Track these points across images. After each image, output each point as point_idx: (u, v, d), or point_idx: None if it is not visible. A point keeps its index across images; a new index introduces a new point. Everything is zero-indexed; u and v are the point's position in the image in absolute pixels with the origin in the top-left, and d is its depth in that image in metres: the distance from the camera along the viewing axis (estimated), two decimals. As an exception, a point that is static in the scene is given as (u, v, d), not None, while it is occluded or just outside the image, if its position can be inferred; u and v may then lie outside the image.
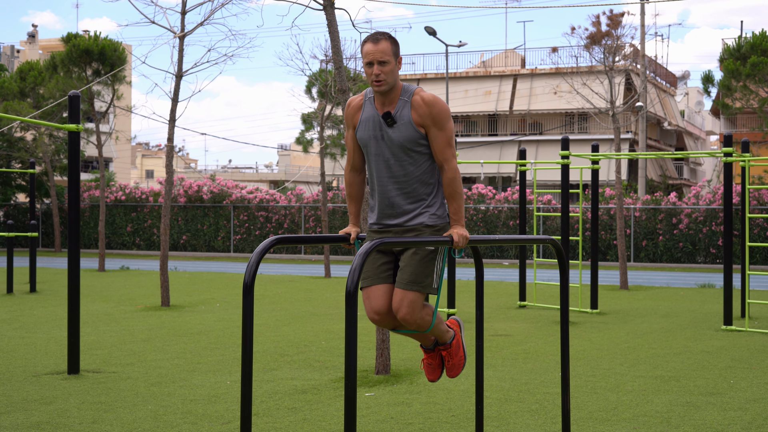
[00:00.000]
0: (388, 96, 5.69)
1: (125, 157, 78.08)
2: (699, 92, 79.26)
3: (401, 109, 5.67)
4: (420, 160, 5.72)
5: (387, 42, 5.64)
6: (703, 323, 14.45)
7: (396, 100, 5.70)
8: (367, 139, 5.78)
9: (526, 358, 10.81)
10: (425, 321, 5.84)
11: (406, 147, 5.69)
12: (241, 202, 39.24)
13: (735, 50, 38.38)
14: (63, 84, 33.37)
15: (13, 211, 43.10)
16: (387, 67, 5.61)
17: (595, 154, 16.61)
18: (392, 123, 5.66)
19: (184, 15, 16.99)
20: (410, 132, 5.66)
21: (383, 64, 5.60)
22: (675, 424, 7.36)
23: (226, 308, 16.56)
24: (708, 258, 32.94)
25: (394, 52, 5.66)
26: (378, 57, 5.60)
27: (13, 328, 13.38)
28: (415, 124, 5.66)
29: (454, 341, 6.19)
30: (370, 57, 5.61)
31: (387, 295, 5.87)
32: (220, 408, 7.90)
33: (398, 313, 5.76)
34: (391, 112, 5.67)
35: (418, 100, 5.65)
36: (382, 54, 5.60)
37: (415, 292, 5.74)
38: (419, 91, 5.69)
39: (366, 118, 5.77)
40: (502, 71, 57.69)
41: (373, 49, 5.61)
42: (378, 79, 5.61)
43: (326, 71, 28.06)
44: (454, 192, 5.70)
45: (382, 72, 5.61)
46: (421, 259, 5.75)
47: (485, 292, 18.44)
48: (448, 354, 6.17)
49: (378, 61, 5.60)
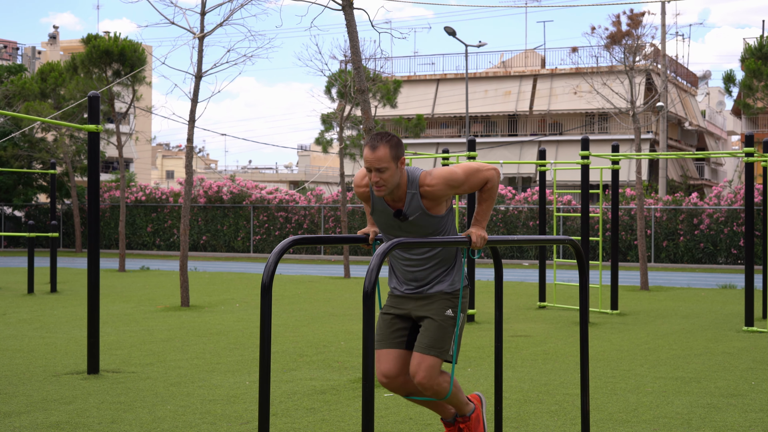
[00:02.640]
0: (395, 193, 5.58)
1: (145, 158, 78.34)
2: (720, 92, 78.93)
3: (410, 203, 5.58)
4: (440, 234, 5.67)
5: (385, 147, 5.46)
6: (724, 324, 14.37)
7: (404, 195, 5.59)
8: (385, 228, 5.73)
9: (545, 359, 10.77)
10: (442, 388, 5.75)
11: (427, 232, 5.64)
12: (260, 203, 39.29)
13: (757, 50, 38.19)
14: (83, 85, 33.47)
15: (34, 211, 43.30)
16: (386, 173, 5.47)
17: (615, 155, 16.54)
18: (405, 219, 5.59)
19: (203, 16, 17.01)
20: (427, 220, 5.60)
21: (381, 171, 5.46)
22: (696, 426, 7.31)
23: (246, 309, 16.57)
24: (729, 259, 32.77)
25: (394, 156, 5.48)
26: (375, 165, 5.45)
27: (34, 328, 13.43)
28: (432, 211, 5.59)
29: (474, 414, 6.10)
30: (368, 164, 5.47)
31: (397, 361, 5.83)
32: (239, 408, 7.90)
33: (415, 377, 5.69)
34: (402, 210, 5.58)
35: (427, 190, 5.53)
36: (379, 162, 5.44)
37: (433, 357, 5.67)
38: (423, 179, 5.55)
39: (379, 210, 5.69)
40: (522, 71, 57.58)
41: (370, 156, 5.45)
42: (378, 185, 5.50)
43: (345, 72, 28.08)
44: (489, 197, 5.65)
45: (381, 179, 5.47)
46: (441, 326, 5.71)
47: (505, 293, 18.39)
48: (467, 427, 6.08)
49: (376, 168, 5.46)
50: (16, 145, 40.64)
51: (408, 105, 56.02)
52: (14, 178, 41.82)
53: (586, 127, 56.46)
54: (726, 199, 32.91)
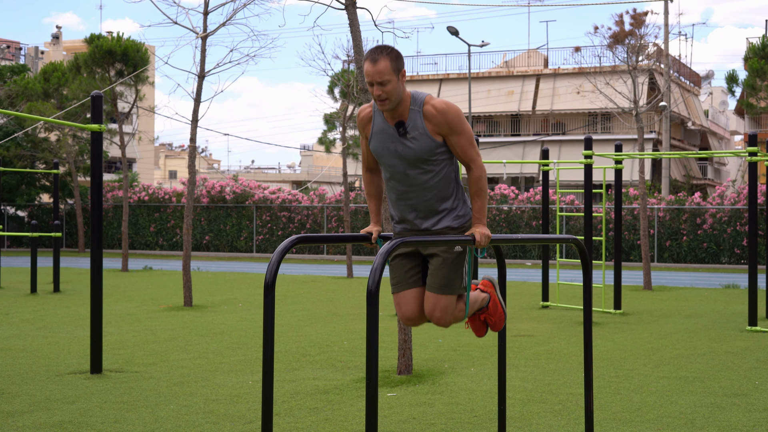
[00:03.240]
0: (397, 108, 5.54)
1: (148, 158, 78.35)
2: (723, 92, 78.86)
3: (413, 119, 5.53)
4: (437, 168, 5.61)
5: (386, 60, 5.42)
6: (727, 324, 14.35)
7: (407, 111, 5.54)
8: (381, 151, 5.66)
9: (549, 358, 10.76)
10: (459, 317, 5.91)
11: (423, 158, 5.57)
12: (263, 203, 39.29)
13: (760, 49, 38.19)
14: (86, 85, 33.51)
15: (37, 211, 43.31)
16: (388, 86, 5.43)
17: (618, 154, 16.52)
18: (405, 133, 5.53)
19: (206, 15, 17.01)
20: (427, 142, 5.54)
21: (383, 84, 5.42)
22: (699, 426, 7.30)
23: (249, 308, 16.57)
24: (732, 258, 32.74)
25: (395, 68, 5.44)
26: (377, 78, 5.41)
27: (37, 328, 13.43)
28: (431, 133, 5.53)
29: (491, 302, 6.18)
30: (369, 77, 5.43)
31: (417, 300, 5.89)
32: (242, 408, 7.89)
33: (432, 317, 5.80)
34: (404, 122, 5.54)
35: (430, 109, 5.50)
36: (380, 74, 5.40)
37: (447, 296, 5.75)
38: (429, 99, 5.53)
39: (378, 131, 5.64)
40: (524, 71, 57.56)
41: (371, 69, 5.42)
42: (380, 99, 5.46)
43: (348, 71, 28.06)
44: (480, 190, 5.62)
45: (384, 92, 5.43)
46: (451, 264, 5.72)
47: (508, 293, 18.39)
48: (488, 315, 6.18)
49: (377, 81, 5.42)
50: (20, 145, 40.66)
51: (411, 105, 55.95)
52: (17, 178, 41.84)
53: (589, 127, 56.43)
54: (729, 198, 32.88)
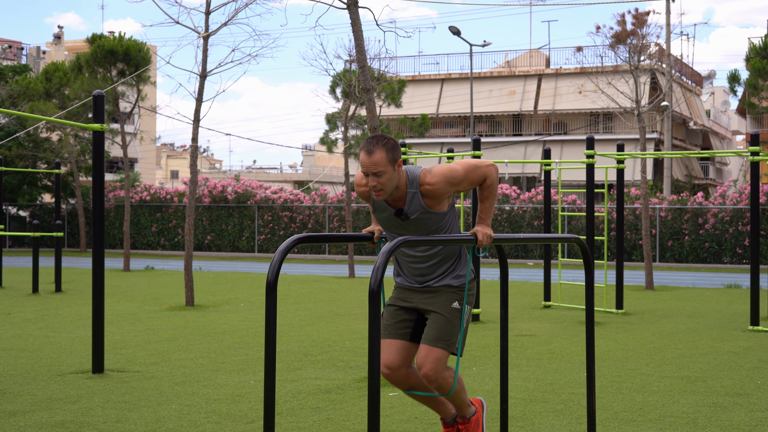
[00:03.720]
0: (394, 195, 5.55)
1: (150, 158, 78.39)
2: (725, 91, 78.84)
3: (412, 202, 5.54)
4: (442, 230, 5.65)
5: (381, 151, 5.40)
6: (729, 324, 14.34)
7: (404, 195, 5.56)
8: (387, 226, 5.70)
9: (551, 358, 10.75)
10: (447, 382, 5.74)
11: (430, 230, 5.63)
12: (265, 203, 39.29)
13: (761, 49, 38.15)
14: (88, 84, 33.50)
15: (38, 211, 43.31)
16: (383, 177, 5.42)
17: (620, 154, 16.52)
18: (407, 218, 5.57)
19: (208, 15, 17.01)
20: (429, 218, 5.57)
21: (378, 175, 5.41)
22: (702, 425, 7.29)
23: (251, 308, 16.57)
24: (734, 258, 32.73)
25: (390, 159, 5.42)
26: (372, 169, 5.40)
27: (39, 328, 13.43)
28: (433, 208, 5.56)
29: (474, 417, 6.09)
30: (365, 168, 5.42)
31: (400, 352, 5.81)
32: (243, 407, 7.89)
33: (422, 369, 5.68)
34: (403, 209, 5.56)
35: (428, 189, 5.50)
36: (375, 166, 5.39)
37: (440, 350, 5.67)
38: (423, 178, 5.51)
39: (380, 209, 5.66)
40: (526, 71, 57.56)
41: (367, 161, 5.40)
42: (376, 190, 5.46)
43: (350, 71, 28.07)
44: (490, 194, 5.62)
45: (379, 183, 5.42)
46: (448, 317, 5.71)
47: (510, 292, 18.38)
48: (466, 429, 6.06)
49: (372, 173, 5.41)
50: (21, 144, 40.67)
51: (412, 105, 56.04)
52: (19, 178, 41.84)
53: (591, 127, 56.43)
54: (731, 198, 32.86)
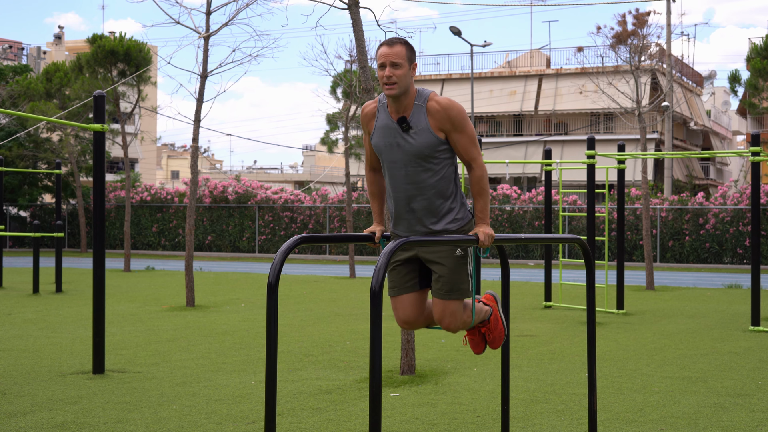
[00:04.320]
0: (402, 102, 5.52)
1: (151, 158, 78.38)
2: (725, 92, 78.86)
3: (417, 115, 5.52)
4: (437, 167, 5.60)
5: (402, 46, 5.47)
6: (730, 324, 14.34)
7: (410, 105, 5.53)
8: (383, 146, 5.64)
9: (552, 358, 10.75)
10: (467, 322, 5.87)
11: (424, 154, 5.55)
12: (266, 203, 39.29)
13: (762, 49, 38.16)
14: (88, 85, 33.52)
15: (39, 211, 43.32)
16: (399, 70, 5.43)
17: (621, 154, 16.51)
18: (408, 128, 5.51)
19: (208, 15, 17.01)
20: (429, 138, 5.52)
21: (396, 66, 5.43)
22: (702, 426, 7.29)
23: (251, 308, 16.56)
24: (735, 258, 32.72)
25: (409, 57, 5.48)
26: (391, 58, 5.43)
27: (39, 328, 13.42)
28: (434, 129, 5.51)
29: (492, 317, 6.15)
30: (383, 59, 5.44)
31: (414, 304, 5.86)
32: (244, 408, 7.89)
33: (442, 323, 5.76)
34: (407, 117, 5.52)
35: (434, 105, 5.49)
36: (395, 56, 5.43)
37: (455, 301, 5.71)
38: (434, 96, 5.52)
39: (380, 126, 5.63)
40: (527, 71, 57.55)
41: (387, 51, 5.45)
42: (389, 82, 5.44)
43: (351, 71, 28.05)
44: (482, 190, 5.60)
45: (394, 74, 5.43)
46: (454, 267, 5.69)
47: (511, 293, 18.36)
48: (488, 330, 6.15)
49: (391, 62, 5.43)
50: (22, 145, 40.68)
51: (413, 105, 55.96)
52: (19, 178, 41.85)
53: (592, 127, 56.42)
54: (732, 198, 32.85)
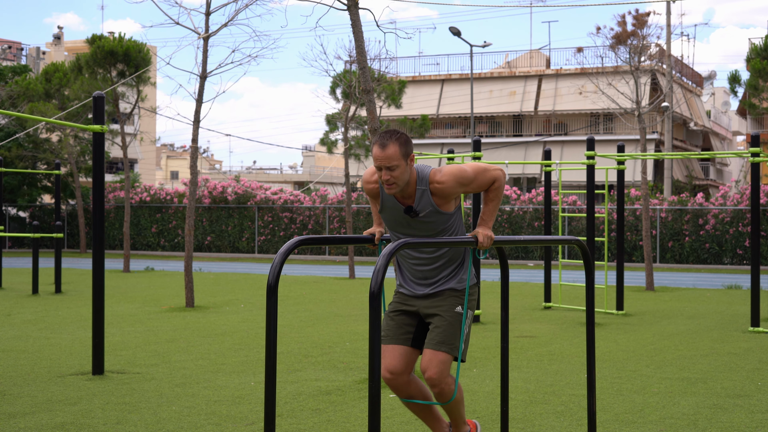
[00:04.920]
0: (405, 191, 5.58)
1: (150, 159, 78.38)
2: (725, 92, 78.84)
3: (420, 200, 5.57)
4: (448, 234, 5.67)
5: (395, 145, 5.46)
6: (730, 325, 14.33)
7: (413, 192, 5.59)
8: (394, 225, 5.71)
9: (551, 359, 10.75)
10: (449, 388, 5.74)
11: (438, 231, 5.64)
12: (265, 203, 39.28)
13: (762, 49, 38.14)
14: (88, 85, 33.49)
15: (38, 212, 43.30)
16: (396, 171, 5.46)
17: (620, 155, 16.51)
18: (416, 215, 5.59)
19: (208, 16, 17.00)
20: (440, 218, 5.59)
21: (392, 169, 5.45)
22: (702, 427, 7.29)
23: (251, 309, 16.56)
24: (735, 259, 32.72)
25: (404, 153, 5.47)
26: (385, 163, 5.44)
27: (38, 329, 13.42)
28: (442, 208, 5.59)
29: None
30: (378, 162, 5.46)
31: (403, 357, 5.80)
32: (244, 409, 7.88)
33: (426, 372, 5.67)
34: (413, 206, 5.58)
35: (436, 187, 5.54)
36: (389, 160, 5.44)
37: (444, 353, 5.67)
38: (433, 176, 5.55)
39: (389, 207, 5.69)
40: (527, 72, 57.55)
41: (380, 154, 5.45)
42: (389, 183, 5.49)
43: (350, 72, 28.06)
44: (495, 197, 5.62)
45: (392, 177, 5.46)
46: (451, 321, 5.71)
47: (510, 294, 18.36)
48: None
49: (386, 167, 5.46)
50: (21, 145, 40.66)
51: (413, 105, 56.04)
52: (19, 179, 41.82)
53: (591, 128, 56.42)
54: (731, 199, 32.85)
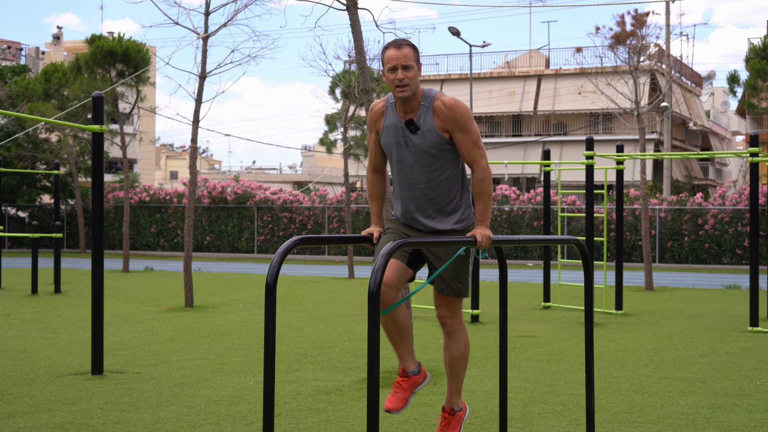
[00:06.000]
0: (410, 102, 5.63)
1: (149, 159, 78.37)
2: (724, 92, 78.85)
3: (423, 116, 5.62)
4: (444, 166, 5.69)
5: (409, 48, 5.59)
6: (728, 324, 14.34)
7: (417, 106, 5.65)
8: (391, 145, 5.76)
9: (550, 359, 10.75)
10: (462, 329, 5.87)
11: (430, 153, 5.66)
12: (264, 203, 39.29)
13: (761, 50, 38.14)
14: (87, 85, 33.49)
15: (37, 212, 43.30)
16: (410, 72, 5.56)
17: (619, 155, 16.52)
18: (415, 130, 5.62)
19: (207, 16, 17.01)
20: (434, 138, 5.62)
21: (407, 69, 5.55)
22: (700, 426, 7.29)
23: (250, 309, 16.56)
24: (734, 259, 32.73)
25: (416, 58, 5.61)
26: (402, 61, 5.54)
27: (38, 329, 13.42)
28: (439, 129, 5.61)
29: (459, 413, 6.18)
30: (393, 62, 5.55)
31: (398, 271, 5.84)
32: (243, 409, 7.89)
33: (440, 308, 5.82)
34: (414, 120, 5.63)
35: (440, 105, 5.60)
36: (405, 59, 5.54)
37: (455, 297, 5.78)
38: (440, 96, 5.63)
39: (389, 125, 5.74)
40: (526, 72, 57.56)
41: (396, 54, 5.55)
42: (402, 84, 5.56)
43: (350, 72, 28.06)
44: (482, 192, 5.64)
45: (406, 77, 5.55)
46: (457, 266, 5.76)
47: (509, 293, 18.37)
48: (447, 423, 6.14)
49: (402, 65, 5.54)
50: (20, 145, 40.67)
51: (412, 105, 55.97)
52: (18, 179, 41.82)
53: (591, 128, 56.43)
54: (731, 199, 32.86)
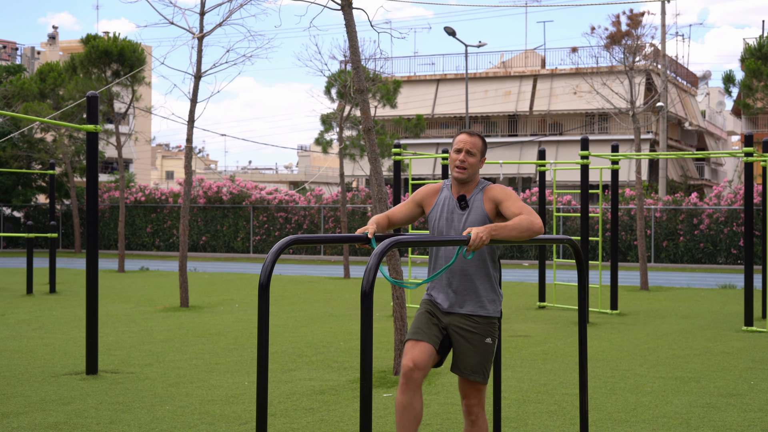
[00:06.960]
0: (465, 186, 5.85)
1: (145, 158, 78.29)
2: (720, 92, 78.90)
3: (474, 196, 5.84)
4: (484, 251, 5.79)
5: (480, 140, 5.86)
6: (723, 324, 14.36)
7: (471, 190, 5.87)
8: (437, 219, 5.89)
9: (545, 359, 10.76)
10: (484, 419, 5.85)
11: None
12: (260, 203, 39.27)
13: (756, 50, 38.15)
14: (82, 85, 33.46)
15: (33, 212, 43.26)
16: (472, 158, 5.79)
17: (615, 155, 16.53)
18: (465, 206, 5.81)
19: (202, 16, 17.00)
20: (480, 217, 5.77)
21: (470, 154, 5.79)
22: (695, 426, 7.30)
23: (245, 309, 16.56)
24: (729, 259, 32.76)
25: (482, 150, 5.86)
26: (468, 147, 5.79)
27: (33, 329, 13.41)
28: (486, 210, 5.79)
29: None
30: (461, 144, 5.80)
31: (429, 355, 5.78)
32: (237, 408, 7.89)
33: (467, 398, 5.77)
34: (466, 196, 5.83)
35: (491, 187, 5.84)
36: (472, 146, 5.80)
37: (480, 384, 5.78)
38: (492, 185, 5.87)
39: (440, 200, 5.93)
40: (522, 71, 57.56)
41: (466, 139, 5.82)
42: (462, 166, 5.77)
43: (345, 72, 28.07)
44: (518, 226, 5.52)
45: (467, 161, 5.77)
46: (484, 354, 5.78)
47: (504, 293, 18.39)
48: None
49: (467, 150, 5.79)
50: (15, 145, 40.62)
51: (408, 105, 56.01)
52: (13, 179, 41.79)
53: (586, 128, 56.44)
54: (726, 199, 32.89)
